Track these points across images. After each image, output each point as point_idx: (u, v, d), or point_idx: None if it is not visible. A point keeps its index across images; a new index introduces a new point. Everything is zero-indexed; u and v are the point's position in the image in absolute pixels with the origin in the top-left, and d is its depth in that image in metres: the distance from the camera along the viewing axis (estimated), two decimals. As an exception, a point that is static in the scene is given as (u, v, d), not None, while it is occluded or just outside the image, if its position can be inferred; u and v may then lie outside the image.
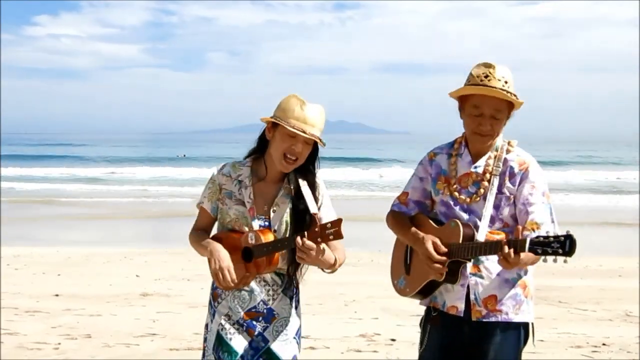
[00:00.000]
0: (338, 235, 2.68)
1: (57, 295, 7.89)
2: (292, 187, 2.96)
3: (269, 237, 2.87)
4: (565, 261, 2.54)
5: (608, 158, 49.10)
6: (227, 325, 2.92)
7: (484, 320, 2.88)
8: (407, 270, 3.06)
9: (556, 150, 62.79)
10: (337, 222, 2.70)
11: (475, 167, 2.93)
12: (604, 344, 6.07)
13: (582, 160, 44.87)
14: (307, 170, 2.95)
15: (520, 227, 2.69)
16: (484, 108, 2.85)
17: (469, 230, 2.82)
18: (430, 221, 2.97)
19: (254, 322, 2.94)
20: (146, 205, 19.18)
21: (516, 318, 2.93)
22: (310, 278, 3.11)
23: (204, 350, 3.00)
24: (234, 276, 2.86)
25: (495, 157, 2.92)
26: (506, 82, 2.82)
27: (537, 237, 2.58)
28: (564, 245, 2.51)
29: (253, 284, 2.95)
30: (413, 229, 2.96)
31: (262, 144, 2.97)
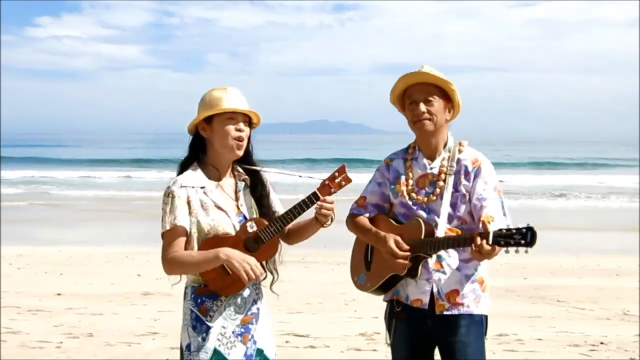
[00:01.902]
0: (347, 180, 2.87)
1: (59, 294, 7.93)
2: (245, 177, 2.98)
3: (264, 221, 2.88)
4: (526, 251, 2.72)
5: (608, 159, 49.06)
6: (225, 340, 2.84)
7: (447, 313, 3.03)
8: (367, 266, 3.20)
9: (554, 151, 62.74)
10: (342, 169, 2.88)
11: (431, 169, 3.09)
12: (602, 343, 6.10)
13: (580, 162, 44.83)
14: (247, 154, 2.97)
15: (484, 221, 2.85)
16: (415, 95, 3.05)
17: (430, 227, 2.98)
18: (391, 220, 3.12)
19: (249, 326, 2.91)
20: (147, 205, 19.19)
21: (476, 310, 3.07)
22: (310, 278, 3.15)
23: None
24: (260, 267, 2.81)
25: (448, 157, 3.08)
26: (433, 71, 3.03)
27: (500, 230, 2.75)
28: (526, 237, 2.70)
29: None
30: (374, 229, 3.12)
31: (199, 148, 2.93)
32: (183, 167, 2.94)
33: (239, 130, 2.86)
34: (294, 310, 7.06)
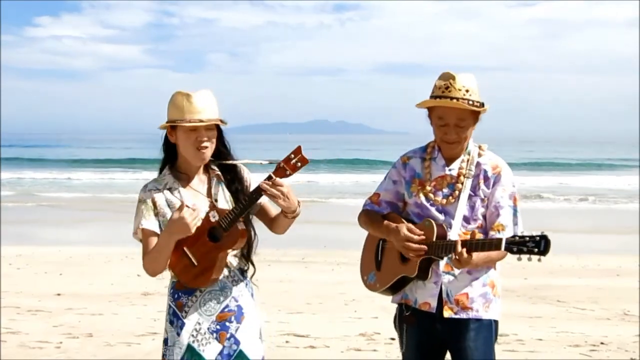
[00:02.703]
0: (304, 161, 2.77)
1: (58, 294, 7.93)
2: (218, 172, 2.98)
3: (226, 210, 2.86)
4: (539, 260, 2.65)
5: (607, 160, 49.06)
6: (199, 336, 2.84)
7: (456, 317, 2.99)
8: (377, 266, 3.14)
9: (554, 151, 62.74)
10: (298, 150, 2.78)
11: (450, 170, 3.04)
12: (602, 343, 6.10)
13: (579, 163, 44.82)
14: (221, 152, 2.96)
15: (475, 231, 2.85)
16: (448, 119, 2.95)
17: (442, 229, 2.93)
18: (403, 220, 3.06)
19: (227, 324, 2.88)
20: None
21: (486, 315, 3.04)
22: (310, 278, 3.15)
23: None
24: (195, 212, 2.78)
25: (468, 160, 3.03)
26: (467, 91, 2.91)
27: (513, 236, 2.71)
28: (539, 245, 2.63)
29: (222, 278, 2.90)
30: (385, 221, 3.06)
31: (170, 150, 2.95)
32: (162, 167, 2.98)
33: (200, 141, 2.84)
34: (294, 310, 7.06)
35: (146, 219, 2.86)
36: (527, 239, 2.65)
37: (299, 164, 2.77)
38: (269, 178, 2.78)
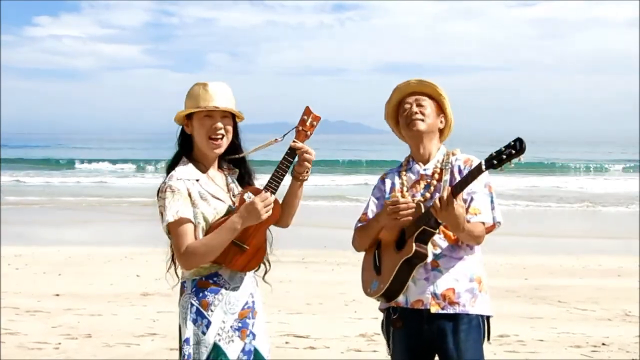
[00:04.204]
0: (316, 118, 2.91)
1: (57, 294, 7.91)
2: (234, 169, 3.00)
3: (258, 188, 2.89)
4: (519, 159, 2.70)
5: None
6: (224, 334, 2.83)
7: (442, 312, 3.00)
8: (377, 271, 3.14)
9: (554, 151, 62.75)
10: (308, 110, 2.91)
11: (425, 170, 3.14)
12: (603, 344, 6.08)
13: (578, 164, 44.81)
14: (234, 145, 2.97)
15: (448, 187, 2.87)
16: (407, 100, 3.16)
17: (429, 207, 2.96)
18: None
19: (247, 321, 2.89)
20: (147, 204, 19.19)
21: (472, 310, 3.04)
22: (310, 278, 3.13)
23: None
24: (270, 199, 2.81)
25: (442, 161, 3.13)
26: (420, 81, 3.16)
27: (490, 154, 2.77)
28: (515, 146, 2.69)
29: (241, 275, 2.90)
30: (372, 220, 3.15)
31: (186, 143, 2.94)
32: (172, 163, 2.94)
33: (215, 128, 2.84)
34: (294, 311, 7.04)
35: (183, 207, 2.78)
36: (503, 148, 2.72)
37: (315, 122, 2.91)
38: (293, 144, 2.87)
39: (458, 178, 3.02)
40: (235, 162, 3.02)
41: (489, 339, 3.10)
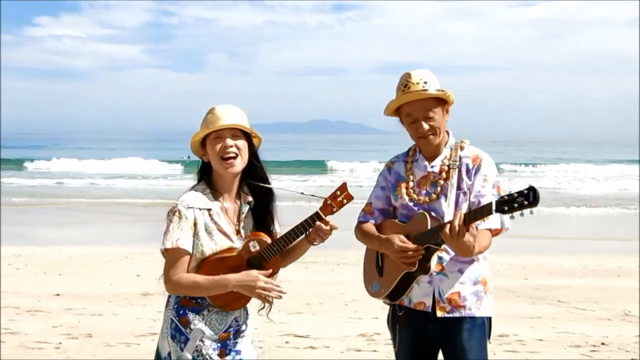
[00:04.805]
0: (349, 198, 2.85)
1: (58, 294, 7.92)
2: (250, 199, 2.96)
3: (266, 237, 2.88)
4: (531, 212, 2.62)
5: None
6: (204, 351, 2.82)
7: (449, 315, 2.99)
8: (379, 272, 3.14)
9: (554, 151, 62.71)
10: (344, 187, 2.87)
11: (432, 167, 3.07)
12: (602, 344, 6.09)
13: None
14: (255, 168, 2.95)
15: (460, 212, 2.78)
16: (415, 113, 3.00)
17: (436, 220, 2.93)
18: (397, 221, 3.10)
19: (227, 342, 2.89)
20: (146, 205, 19.20)
21: (478, 313, 3.03)
22: (310, 278, 3.14)
23: None
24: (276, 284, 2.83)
25: (450, 154, 3.06)
26: (425, 82, 2.98)
27: (501, 197, 2.68)
28: (528, 197, 2.60)
29: None
30: (377, 234, 3.09)
31: (205, 171, 2.94)
32: (197, 183, 2.95)
33: (225, 146, 2.83)
34: (294, 311, 7.04)
35: (185, 237, 2.80)
36: (516, 195, 2.63)
37: (345, 200, 2.86)
38: (317, 215, 2.84)
39: (465, 178, 2.99)
40: (258, 190, 2.97)
41: (489, 337, 3.10)
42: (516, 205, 2.61)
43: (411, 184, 3.09)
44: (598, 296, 8.00)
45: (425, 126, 2.99)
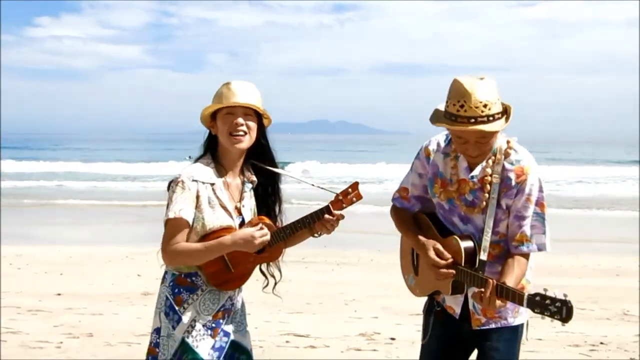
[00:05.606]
0: (359, 197, 2.90)
1: (59, 294, 7.93)
2: (254, 178, 2.98)
3: (271, 223, 2.92)
4: (562, 325, 2.57)
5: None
6: (194, 332, 2.84)
7: (484, 328, 2.96)
8: (415, 270, 3.09)
9: (554, 151, 62.66)
10: (355, 185, 2.91)
11: (472, 177, 2.84)
12: (602, 343, 6.11)
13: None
14: (262, 146, 2.97)
15: (492, 282, 2.69)
16: (467, 137, 2.71)
17: (470, 248, 2.81)
18: (433, 227, 2.96)
19: (220, 321, 2.92)
20: (146, 205, 19.20)
21: (514, 322, 3.01)
22: (310, 278, 3.16)
23: (152, 354, 2.91)
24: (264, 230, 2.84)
25: (493, 162, 2.81)
26: (485, 106, 2.62)
27: (535, 294, 2.60)
28: (561, 312, 2.53)
29: None
30: (414, 233, 2.97)
31: (211, 143, 2.95)
32: (200, 156, 2.96)
33: (236, 124, 2.84)
34: (294, 310, 7.06)
35: (187, 208, 2.80)
36: (549, 301, 2.55)
37: (355, 199, 2.91)
38: (327, 209, 2.88)
39: (506, 198, 2.79)
40: (263, 171, 3.00)
41: (526, 338, 3.07)
42: (547, 313, 2.55)
43: (450, 185, 2.89)
44: (597, 296, 8.01)
45: (476, 152, 2.74)
